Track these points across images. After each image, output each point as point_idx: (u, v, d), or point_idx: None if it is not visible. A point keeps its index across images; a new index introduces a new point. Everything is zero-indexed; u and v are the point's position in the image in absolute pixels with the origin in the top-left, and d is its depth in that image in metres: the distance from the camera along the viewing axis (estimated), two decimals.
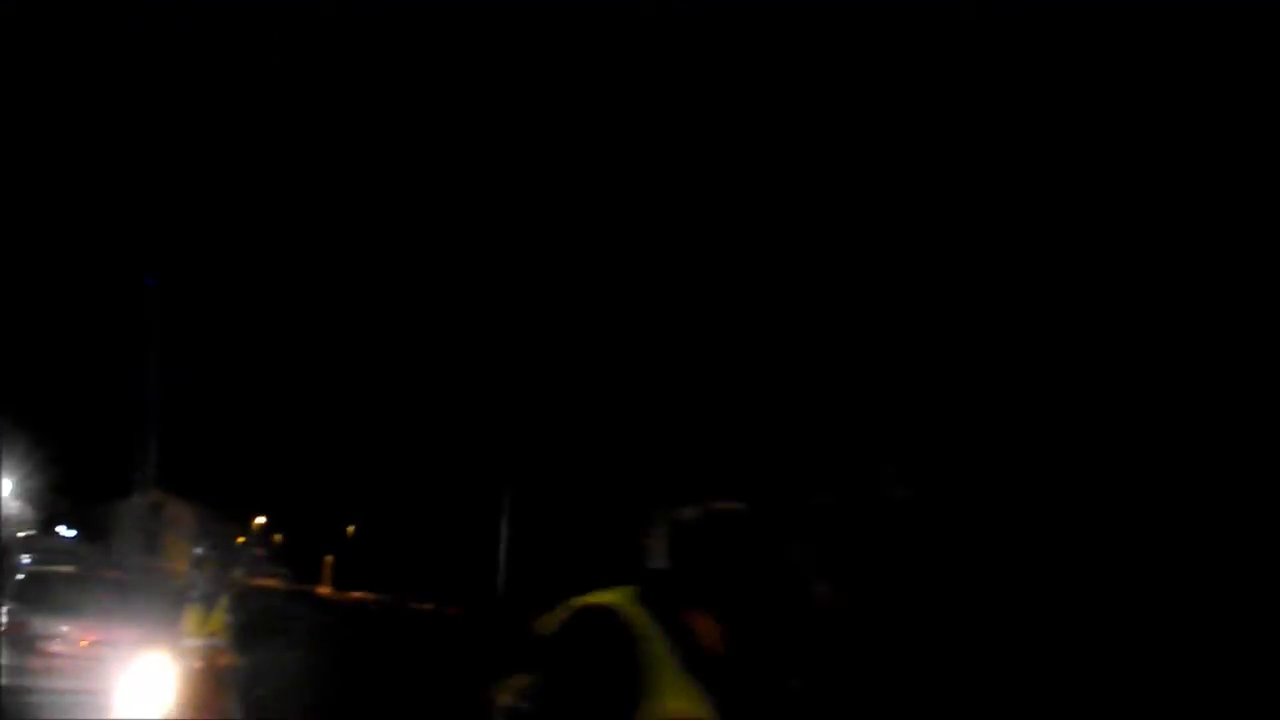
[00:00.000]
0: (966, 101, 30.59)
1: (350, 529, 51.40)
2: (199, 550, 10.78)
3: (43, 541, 38.83)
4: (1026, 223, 26.53)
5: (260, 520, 52.57)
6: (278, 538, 53.02)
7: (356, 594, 42.82)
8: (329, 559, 48.71)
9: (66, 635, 15.64)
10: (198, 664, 10.33)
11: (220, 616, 10.36)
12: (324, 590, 45.44)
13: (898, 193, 29.67)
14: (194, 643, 10.37)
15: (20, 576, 18.41)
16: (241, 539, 49.07)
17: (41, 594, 16.65)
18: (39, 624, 15.78)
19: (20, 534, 38.88)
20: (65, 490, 45.89)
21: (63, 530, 47.38)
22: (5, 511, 39.08)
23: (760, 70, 34.79)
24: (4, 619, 16.12)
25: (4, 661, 15.39)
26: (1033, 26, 28.15)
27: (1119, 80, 27.93)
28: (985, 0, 28.54)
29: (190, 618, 10.43)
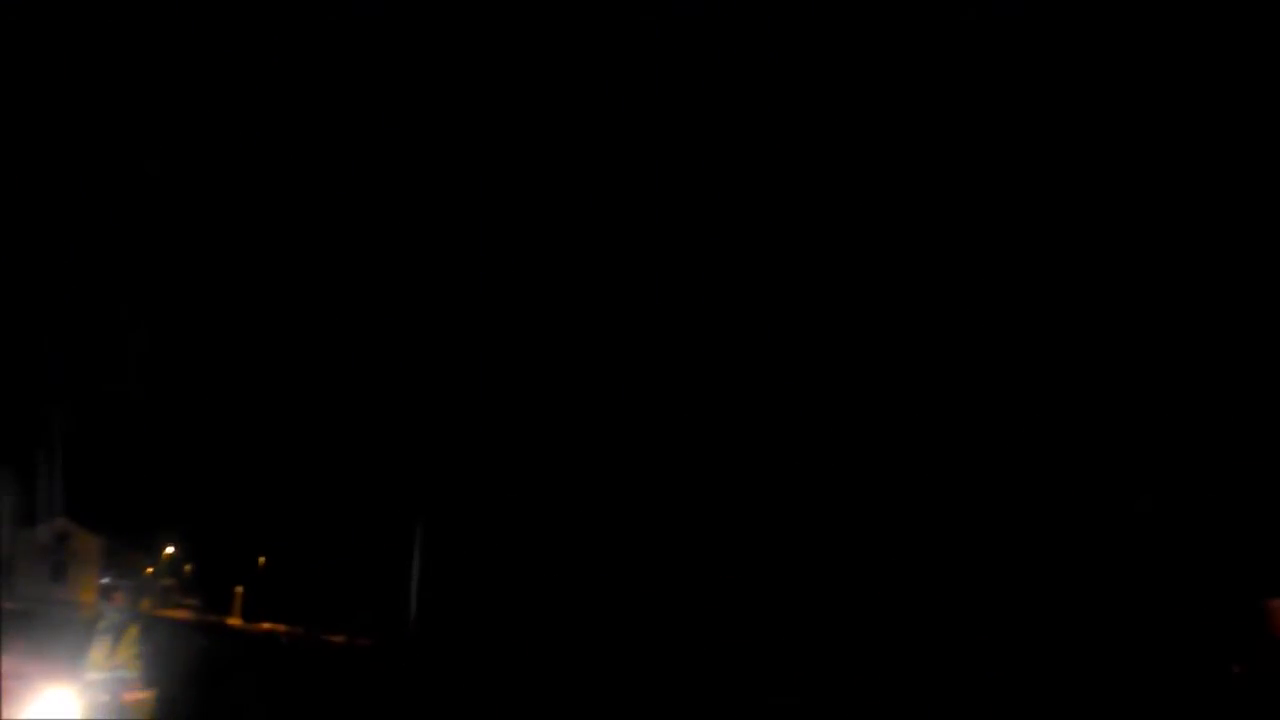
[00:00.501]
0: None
1: (261, 560, 50.70)
2: (108, 580, 10.55)
3: None
4: None
5: (170, 550, 51.68)
6: (188, 568, 52.16)
7: (267, 625, 42.26)
8: (239, 590, 48.01)
9: None
10: (104, 697, 10.17)
11: (128, 649, 10.21)
12: (234, 621, 44.77)
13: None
14: (101, 676, 10.21)
15: None
16: (150, 569, 48.20)
17: None
18: None
19: None
20: None
21: None
22: None
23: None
24: None
25: None
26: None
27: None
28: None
29: (97, 650, 10.26)
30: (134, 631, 10.32)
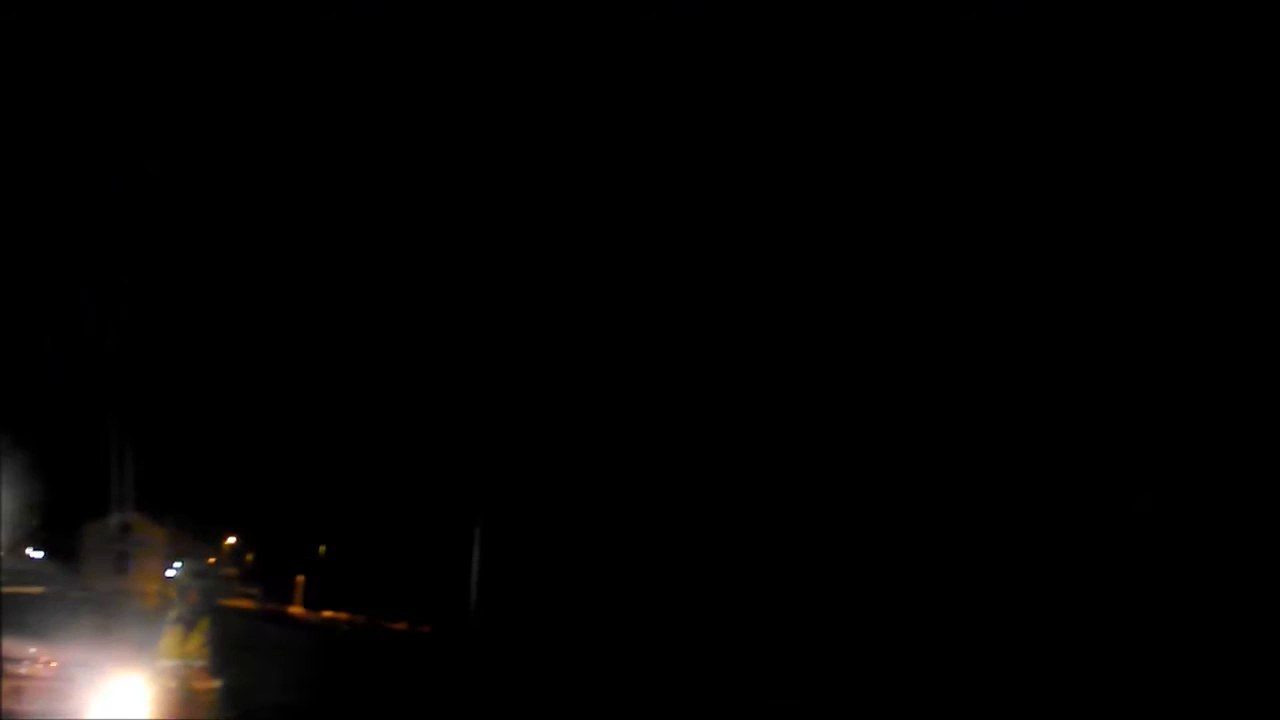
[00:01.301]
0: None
1: (322, 549, 51.09)
2: (185, 572, 10.66)
3: (10, 562, 38.29)
4: None
5: (231, 540, 52.21)
6: (249, 557, 52.72)
7: (328, 613, 42.55)
8: (300, 579, 48.37)
9: (35, 658, 15.36)
10: (173, 684, 10.22)
11: (199, 638, 10.27)
12: (296, 610, 45.12)
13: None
14: (171, 664, 10.26)
15: None
16: (212, 559, 48.75)
17: (9, 616, 16.37)
18: (7, 646, 15.47)
19: None
20: (36, 510, 45.37)
21: (30, 551, 46.80)
22: None
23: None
24: None
25: None
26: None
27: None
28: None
29: (169, 639, 10.32)
30: (205, 624, 10.40)
